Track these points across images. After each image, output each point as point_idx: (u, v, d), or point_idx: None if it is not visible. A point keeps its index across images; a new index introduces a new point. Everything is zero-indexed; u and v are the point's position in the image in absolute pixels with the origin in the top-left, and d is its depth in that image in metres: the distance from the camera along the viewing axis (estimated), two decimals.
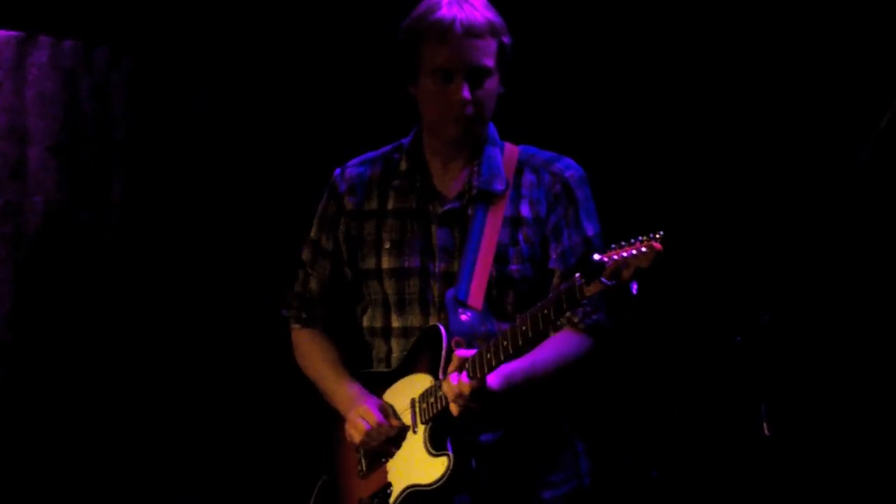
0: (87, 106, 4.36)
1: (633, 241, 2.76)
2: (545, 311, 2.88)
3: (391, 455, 3.16)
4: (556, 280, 3.17)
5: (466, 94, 3.08)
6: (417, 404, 3.12)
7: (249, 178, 4.62)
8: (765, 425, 3.51)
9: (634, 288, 2.76)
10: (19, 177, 4.17)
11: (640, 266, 2.74)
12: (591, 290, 2.79)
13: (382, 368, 3.27)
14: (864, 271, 4.05)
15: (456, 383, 2.97)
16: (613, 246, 2.78)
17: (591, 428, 3.34)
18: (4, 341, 4.18)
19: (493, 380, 2.98)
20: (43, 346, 4.25)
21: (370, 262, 3.24)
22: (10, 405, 4.20)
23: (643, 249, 2.73)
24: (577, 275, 2.81)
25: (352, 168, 3.32)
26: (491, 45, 3.09)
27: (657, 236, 2.73)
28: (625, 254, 2.75)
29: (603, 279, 2.77)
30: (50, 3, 4.29)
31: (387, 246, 3.22)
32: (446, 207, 3.20)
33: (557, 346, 3.11)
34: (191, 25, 4.54)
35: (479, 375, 2.96)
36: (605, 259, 2.77)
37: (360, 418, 3.16)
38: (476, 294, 3.11)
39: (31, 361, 4.24)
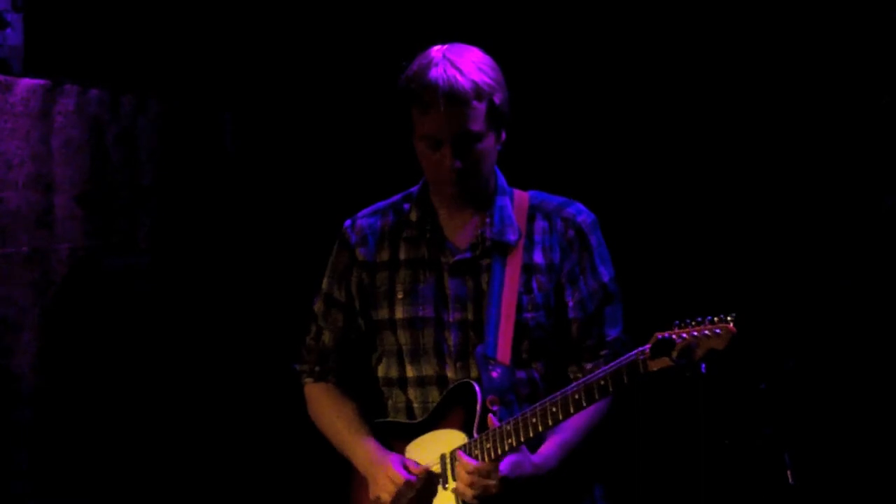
0: (113, 152, 4.38)
1: (699, 319, 2.77)
2: (602, 383, 2.88)
3: None
4: (574, 329, 3.18)
5: (454, 162, 3.08)
6: (449, 461, 3.11)
7: (278, 221, 4.63)
8: (789, 473, 3.50)
9: (704, 368, 2.75)
10: (46, 224, 4.18)
11: (714, 347, 2.74)
12: (656, 365, 2.80)
13: (402, 418, 3.26)
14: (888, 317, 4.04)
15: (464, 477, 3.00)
16: (677, 322, 2.78)
17: (613, 471, 3.33)
18: (30, 388, 4.19)
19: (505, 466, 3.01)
20: (69, 393, 4.26)
21: (383, 313, 3.24)
22: (36, 451, 4.21)
23: (717, 331, 2.74)
24: (642, 348, 2.81)
25: (362, 219, 3.32)
26: (478, 109, 3.06)
27: (729, 318, 2.74)
28: (695, 333, 2.76)
29: (672, 357, 2.77)
30: (76, 52, 4.32)
31: (400, 296, 3.22)
32: (458, 258, 3.20)
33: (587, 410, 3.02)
34: (215, 67, 4.57)
35: (528, 437, 2.97)
36: (673, 336, 2.77)
37: (387, 480, 3.13)
38: (503, 349, 3.11)
39: (56, 408, 4.25)
